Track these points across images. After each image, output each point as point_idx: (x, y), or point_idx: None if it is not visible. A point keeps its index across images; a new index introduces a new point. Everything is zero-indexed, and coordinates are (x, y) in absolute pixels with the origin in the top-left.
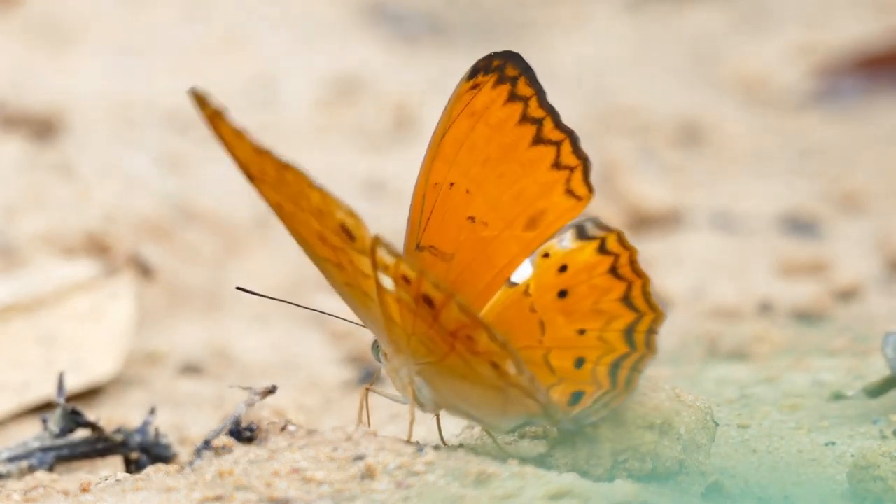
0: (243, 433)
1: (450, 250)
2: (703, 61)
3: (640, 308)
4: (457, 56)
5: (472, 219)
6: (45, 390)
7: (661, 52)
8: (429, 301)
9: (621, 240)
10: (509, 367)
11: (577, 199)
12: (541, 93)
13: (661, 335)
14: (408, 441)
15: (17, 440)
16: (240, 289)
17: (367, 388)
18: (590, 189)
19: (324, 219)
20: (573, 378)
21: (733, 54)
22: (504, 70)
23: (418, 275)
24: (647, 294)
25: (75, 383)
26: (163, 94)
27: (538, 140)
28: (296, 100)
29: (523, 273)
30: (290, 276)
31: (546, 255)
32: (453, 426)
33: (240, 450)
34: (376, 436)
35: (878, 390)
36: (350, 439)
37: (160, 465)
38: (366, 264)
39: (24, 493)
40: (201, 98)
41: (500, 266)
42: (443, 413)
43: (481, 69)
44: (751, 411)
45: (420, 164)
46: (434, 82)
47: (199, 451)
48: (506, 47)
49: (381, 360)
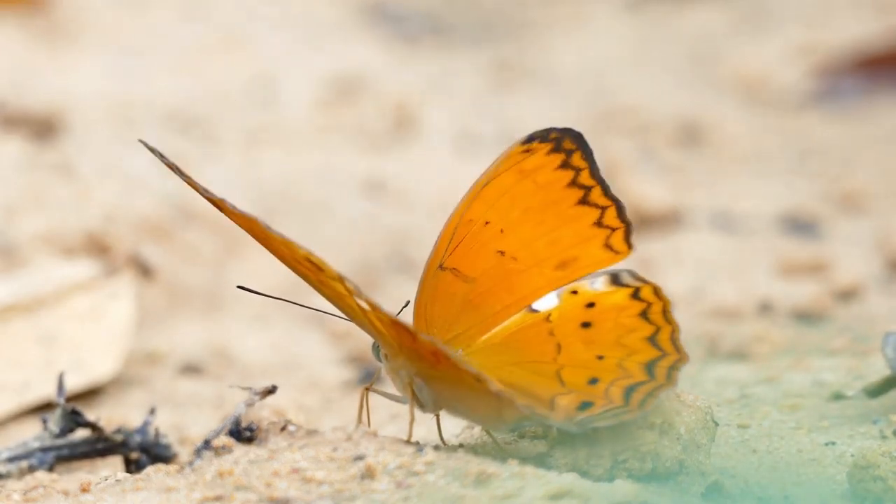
0: (243, 433)
1: (472, 274)
2: (703, 61)
3: (666, 349)
4: (457, 56)
5: (501, 253)
6: (45, 390)
7: (661, 52)
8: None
9: (657, 292)
10: (491, 385)
11: (614, 252)
12: (594, 167)
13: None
14: (408, 441)
15: (17, 440)
16: (241, 287)
17: (367, 388)
18: (629, 246)
19: (292, 250)
20: (584, 391)
21: (733, 54)
22: (561, 142)
23: (372, 308)
24: (674, 339)
25: (75, 383)
26: (163, 94)
27: (584, 202)
28: (296, 100)
29: (547, 303)
30: (289, 276)
31: (574, 292)
32: (453, 426)
33: (240, 450)
34: (376, 436)
35: (878, 390)
36: (350, 439)
37: (160, 465)
38: (341, 287)
39: (24, 493)
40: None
41: (521, 294)
42: (443, 413)
43: (537, 137)
44: (751, 411)
45: (457, 203)
46: (434, 82)
47: (199, 451)
48: (506, 47)
49: (381, 360)
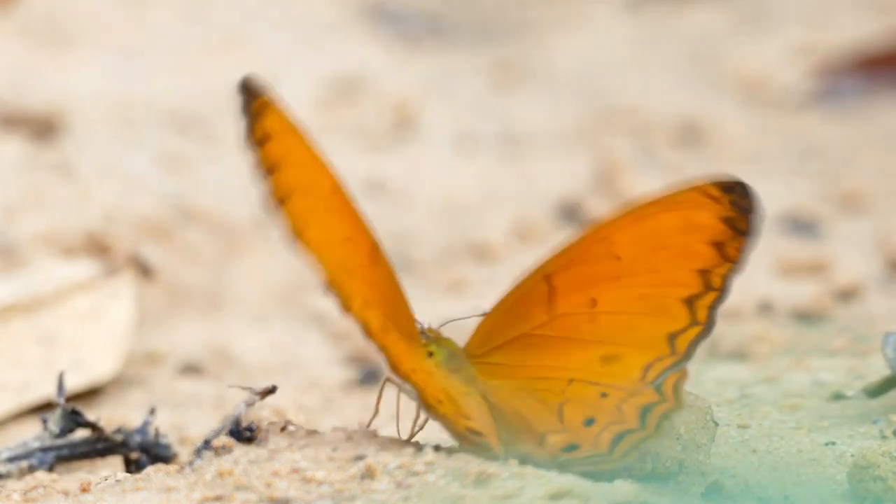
0: (243, 433)
1: (558, 311)
2: (703, 61)
3: (666, 395)
4: (457, 56)
5: (594, 302)
6: (45, 390)
7: (661, 52)
8: None
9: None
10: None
11: (643, 379)
12: (738, 266)
13: None
14: (408, 441)
15: (17, 440)
16: None
17: (388, 379)
18: (656, 379)
19: None
20: (577, 433)
21: (733, 54)
22: (740, 218)
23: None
24: (677, 386)
25: (75, 383)
26: (163, 94)
27: (689, 301)
28: (296, 100)
29: None
30: (290, 276)
31: None
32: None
33: (240, 450)
34: (376, 436)
35: (878, 390)
36: (350, 439)
37: (160, 465)
38: None
39: (24, 493)
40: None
41: (563, 364)
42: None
43: (731, 192)
44: (751, 411)
45: (615, 213)
46: (434, 82)
47: (199, 451)
48: (506, 47)
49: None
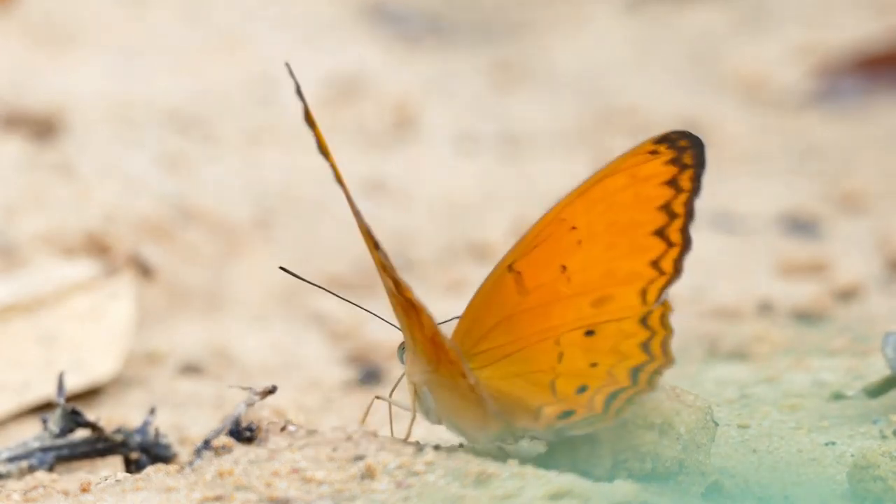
0: (243, 433)
1: (529, 286)
2: (703, 61)
3: (655, 354)
4: (457, 56)
5: (563, 268)
6: (45, 390)
7: (661, 52)
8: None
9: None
10: (469, 378)
11: (644, 302)
12: (695, 192)
13: None
14: (408, 441)
15: (17, 440)
16: (283, 269)
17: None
18: (658, 298)
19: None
20: (571, 400)
21: (733, 54)
22: (683, 154)
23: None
24: (665, 343)
25: (75, 383)
26: (163, 94)
27: (660, 233)
28: (295, 100)
29: None
30: (290, 276)
31: None
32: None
33: (240, 450)
34: (376, 436)
35: (878, 390)
36: (350, 439)
37: (160, 465)
38: (376, 258)
39: (24, 493)
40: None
41: (552, 325)
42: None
43: (668, 141)
44: (751, 411)
45: (563, 195)
46: (434, 82)
47: (199, 451)
48: (506, 47)
49: (403, 363)
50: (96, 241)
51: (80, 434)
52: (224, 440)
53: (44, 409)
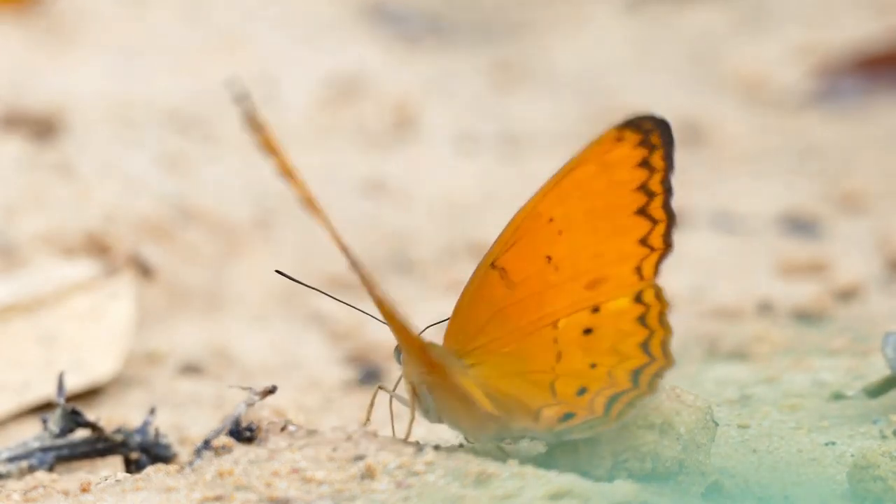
0: (243, 433)
1: (516, 279)
2: (703, 61)
3: (655, 354)
4: (457, 56)
5: (548, 258)
6: (45, 390)
7: (661, 52)
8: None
9: (658, 294)
10: (460, 388)
11: (640, 278)
12: (669, 170)
13: None
14: (408, 441)
15: (17, 440)
16: (279, 272)
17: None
18: (655, 273)
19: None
20: (571, 402)
21: (733, 54)
22: (650, 136)
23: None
24: (664, 344)
25: (75, 383)
26: (163, 94)
27: (641, 212)
28: (296, 100)
29: None
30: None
31: None
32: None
33: (240, 450)
34: (376, 436)
35: (878, 390)
36: (350, 439)
37: (160, 465)
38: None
39: (24, 493)
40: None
41: (546, 312)
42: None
43: (632, 125)
44: (751, 411)
45: (536, 189)
46: (434, 82)
47: (199, 451)
48: (506, 47)
49: (399, 363)
50: (96, 241)
51: (80, 434)
52: (224, 440)
53: (44, 409)
